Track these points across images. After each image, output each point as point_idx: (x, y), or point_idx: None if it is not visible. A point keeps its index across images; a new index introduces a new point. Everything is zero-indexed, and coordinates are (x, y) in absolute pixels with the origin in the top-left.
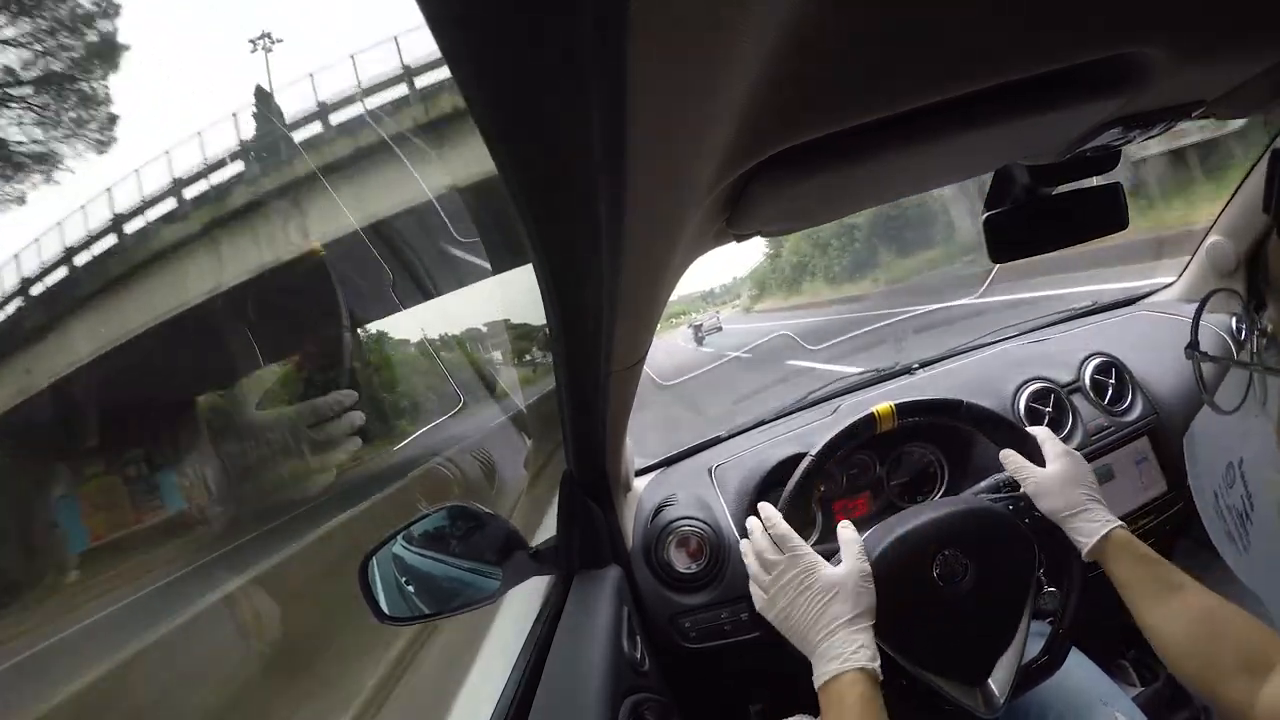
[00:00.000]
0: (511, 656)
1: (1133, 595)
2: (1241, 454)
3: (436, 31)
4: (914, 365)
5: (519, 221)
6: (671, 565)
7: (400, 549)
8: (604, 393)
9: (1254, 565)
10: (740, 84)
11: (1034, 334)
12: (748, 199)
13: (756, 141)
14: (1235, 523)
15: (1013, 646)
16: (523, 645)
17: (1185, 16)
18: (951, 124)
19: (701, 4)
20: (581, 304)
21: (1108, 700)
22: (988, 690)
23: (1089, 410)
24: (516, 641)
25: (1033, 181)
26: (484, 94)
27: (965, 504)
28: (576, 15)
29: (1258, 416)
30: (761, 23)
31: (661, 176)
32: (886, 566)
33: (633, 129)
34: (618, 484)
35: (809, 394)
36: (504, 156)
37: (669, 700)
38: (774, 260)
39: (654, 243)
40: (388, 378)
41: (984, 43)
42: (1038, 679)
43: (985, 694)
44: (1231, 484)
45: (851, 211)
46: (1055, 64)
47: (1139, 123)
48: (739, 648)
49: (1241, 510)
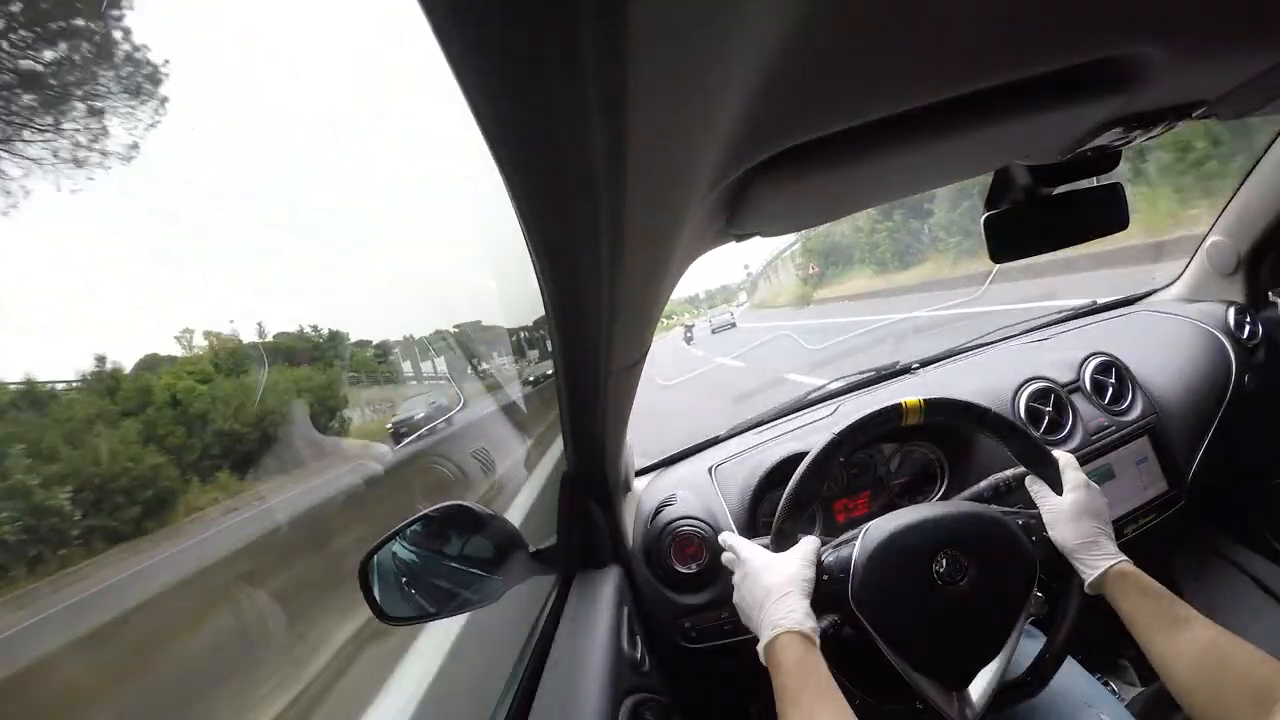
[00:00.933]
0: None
1: (1139, 629)
2: None
3: (437, 31)
4: (914, 365)
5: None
6: (671, 565)
7: (400, 549)
8: (604, 393)
9: None
10: (740, 85)
11: (1034, 334)
12: (748, 199)
13: (756, 141)
14: None
15: (998, 658)
16: (523, 645)
17: (1186, 16)
18: (952, 124)
19: (701, 5)
20: (581, 304)
21: (1093, 703)
22: (965, 698)
23: (1089, 410)
24: (516, 641)
25: (1033, 181)
26: (484, 94)
27: (977, 509)
28: (576, 15)
29: None
30: (761, 24)
31: (661, 176)
32: (889, 553)
33: (633, 129)
34: (618, 484)
35: (809, 394)
36: (504, 156)
37: (669, 700)
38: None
39: (654, 243)
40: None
41: (984, 43)
42: (1017, 699)
43: (962, 701)
44: None
45: (851, 211)
46: (1055, 64)
47: (1139, 123)
48: (739, 647)
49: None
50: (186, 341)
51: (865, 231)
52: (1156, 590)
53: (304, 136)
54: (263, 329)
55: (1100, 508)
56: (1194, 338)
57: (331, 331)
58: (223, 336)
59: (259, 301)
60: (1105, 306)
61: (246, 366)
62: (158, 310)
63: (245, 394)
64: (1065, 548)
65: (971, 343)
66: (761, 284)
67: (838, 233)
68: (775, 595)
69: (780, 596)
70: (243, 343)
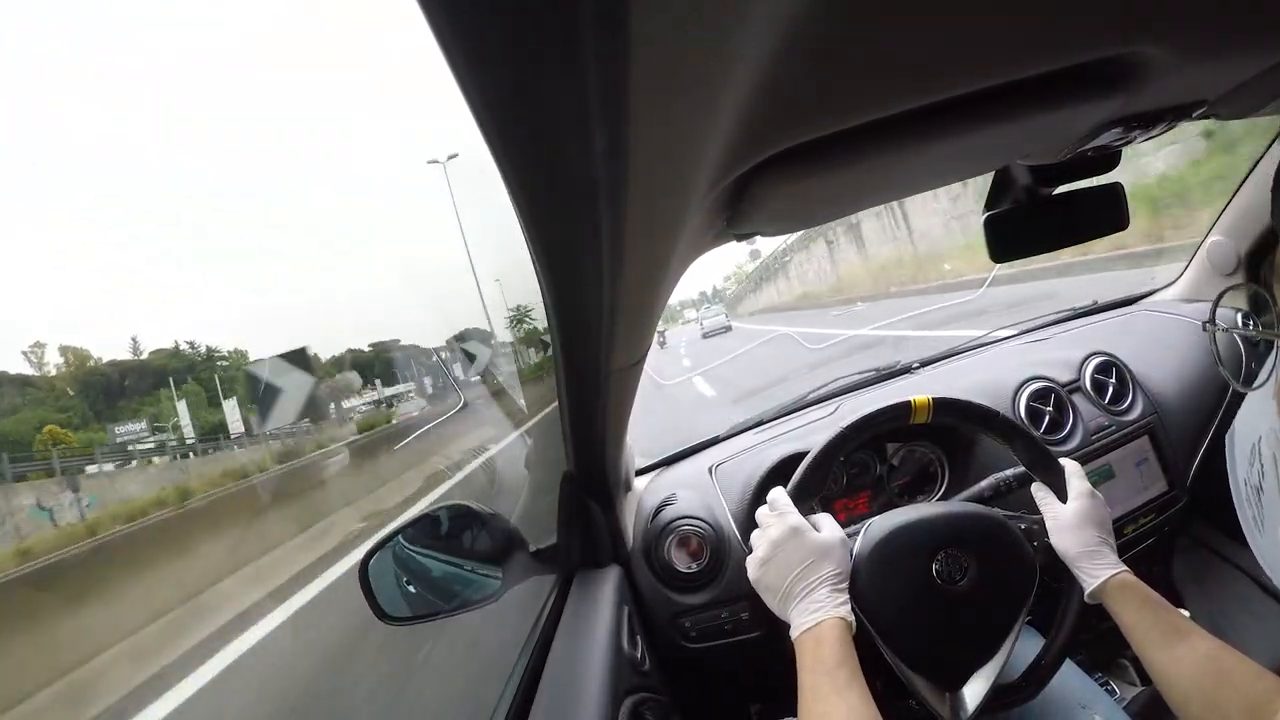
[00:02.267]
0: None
1: (1137, 639)
2: (1260, 432)
3: (437, 31)
4: (914, 364)
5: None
6: (672, 565)
7: (401, 549)
8: (604, 393)
9: (1273, 548)
10: (740, 84)
11: (1034, 333)
12: (748, 199)
13: (756, 141)
14: (1251, 498)
15: (994, 661)
16: (523, 645)
17: (1185, 16)
18: (951, 124)
19: (701, 4)
20: (581, 304)
21: (1087, 703)
22: (958, 699)
23: (1089, 410)
24: (517, 642)
25: (1033, 181)
26: (484, 94)
27: (979, 510)
28: (576, 15)
29: (1275, 397)
30: (762, 23)
31: (661, 176)
32: (889, 550)
33: (633, 129)
34: (618, 484)
35: (809, 393)
36: (504, 156)
37: (669, 700)
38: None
39: (654, 243)
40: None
41: (984, 43)
42: (1011, 703)
43: (955, 703)
44: (1251, 462)
45: (852, 211)
46: (1055, 64)
47: (1139, 123)
48: (739, 647)
49: (1256, 483)
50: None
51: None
52: (1156, 601)
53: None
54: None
55: (1104, 517)
56: (1194, 338)
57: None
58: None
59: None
60: (1105, 306)
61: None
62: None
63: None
64: (1067, 556)
65: (972, 342)
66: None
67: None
68: (828, 576)
69: (834, 584)
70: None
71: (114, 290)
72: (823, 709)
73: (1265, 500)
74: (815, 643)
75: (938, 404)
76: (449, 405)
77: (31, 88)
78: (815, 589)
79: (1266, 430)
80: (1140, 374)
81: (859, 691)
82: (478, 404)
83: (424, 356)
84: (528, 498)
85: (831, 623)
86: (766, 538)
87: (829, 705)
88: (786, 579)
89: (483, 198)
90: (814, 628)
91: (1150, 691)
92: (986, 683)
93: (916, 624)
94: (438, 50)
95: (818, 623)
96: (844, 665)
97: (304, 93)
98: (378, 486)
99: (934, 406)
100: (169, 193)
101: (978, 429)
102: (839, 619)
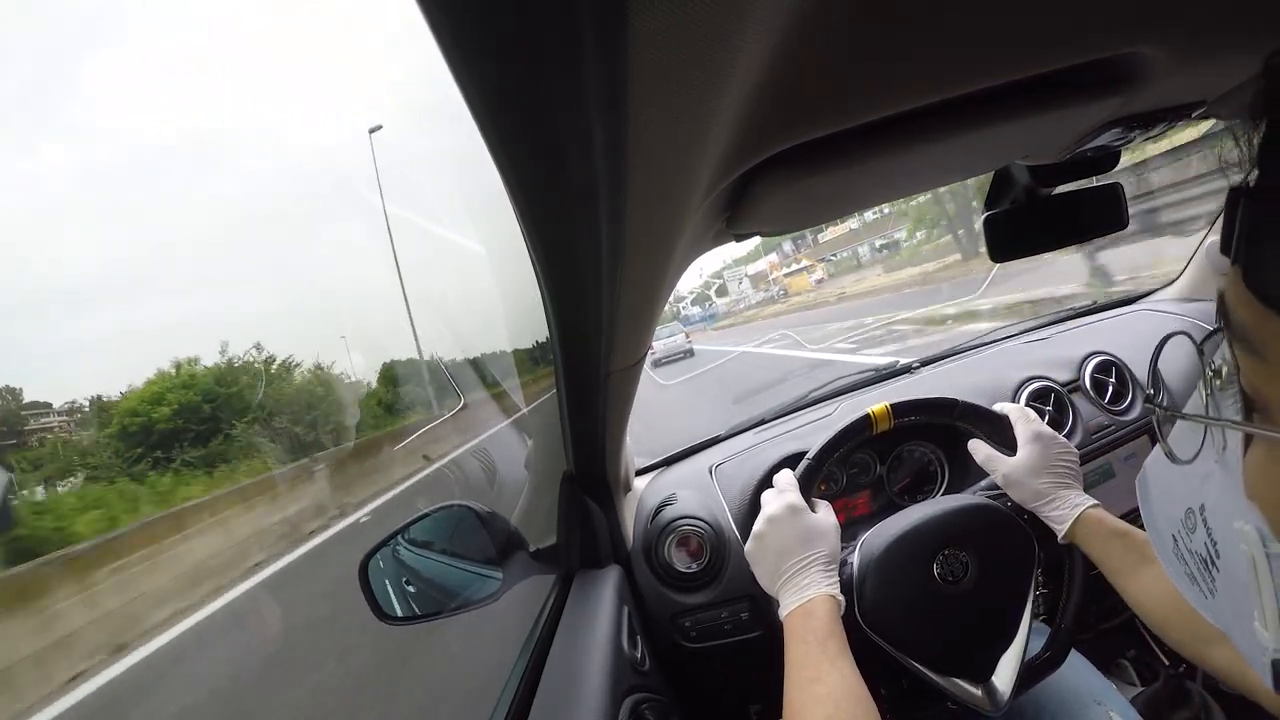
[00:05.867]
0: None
1: (1110, 572)
2: (1202, 500)
3: (437, 33)
4: (914, 364)
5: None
6: (672, 565)
7: (400, 549)
8: (604, 393)
9: (1221, 609)
10: (741, 84)
11: (1034, 333)
12: (748, 199)
13: (756, 141)
14: (1199, 568)
15: (1015, 643)
16: (523, 645)
17: (1186, 16)
18: (951, 124)
19: (701, 4)
20: (581, 304)
21: (1101, 699)
22: (992, 688)
23: (1089, 409)
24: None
25: (1033, 181)
26: (484, 96)
27: (963, 501)
28: (576, 16)
29: (1217, 462)
30: (762, 23)
31: (661, 176)
32: (889, 566)
33: (633, 129)
34: (618, 484)
35: (809, 393)
36: (504, 158)
37: (669, 700)
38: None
39: (654, 243)
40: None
41: (984, 43)
42: (1041, 675)
43: (990, 691)
44: (1193, 529)
45: (852, 211)
46: (1055, 64)
47: (1139, 123)
48: (739, 647)
49: (1206, 556)
50: None
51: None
52: (1124, 530)
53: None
54: None
55: (1055, 456)
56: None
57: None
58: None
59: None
60: (1105, 306)
61: None
62: None
63: None
64: (1031, 508)
65: (972, 342)
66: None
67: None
68: (821, 557)
69: (826, 565)
70: None
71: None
72: (812, 675)
73: (1219, 576)
74: (805, 615)
75: (896, 408)
76: (450, 405)
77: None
78: (807, 568)
79: (1214, 502)
80: (1140, 374)
81: (849, 662)
82: (477, 404)
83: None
84: (527, 497)
85: (822, 598)
86: (765, 514)
87: (819, 672)
88: (779, 555)
89: (483, 198)
90: (805, 603)
91: (1149, 692)
92: (1015, 664)
93: (933, 632)
94: (437, 51)
95: (809, 599)
96: (834, 637)
97: (304, 93)
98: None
99: (893, 411)
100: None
101: (942, 419)
102: (829, 595)
